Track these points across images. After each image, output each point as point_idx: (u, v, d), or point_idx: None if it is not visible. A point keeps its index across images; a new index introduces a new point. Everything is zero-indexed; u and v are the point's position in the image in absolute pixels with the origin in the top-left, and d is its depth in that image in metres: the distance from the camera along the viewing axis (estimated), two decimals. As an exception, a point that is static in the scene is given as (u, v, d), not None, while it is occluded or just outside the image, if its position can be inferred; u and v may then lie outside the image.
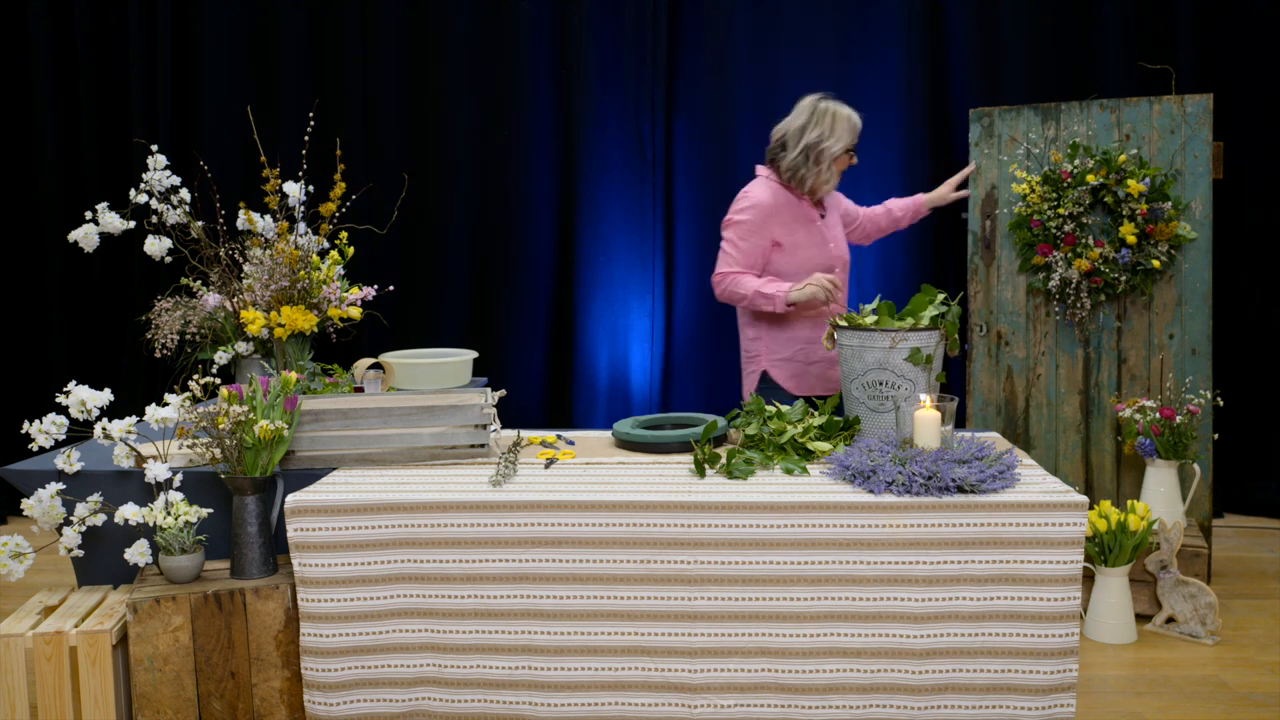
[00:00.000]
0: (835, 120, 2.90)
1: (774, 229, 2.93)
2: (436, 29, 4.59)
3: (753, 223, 2.92)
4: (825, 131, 2.89)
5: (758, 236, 2.93)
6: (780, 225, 2.93)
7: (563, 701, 2.11)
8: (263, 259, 2.84)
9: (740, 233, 2.94)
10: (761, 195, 2.95)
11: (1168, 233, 3.49)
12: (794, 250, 2.95)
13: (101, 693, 2.15)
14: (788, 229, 2.94)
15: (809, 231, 2.97)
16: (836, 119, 2.91)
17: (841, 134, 2.89)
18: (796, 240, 2.95)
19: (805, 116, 2.93)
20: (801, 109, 2.95)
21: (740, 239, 2.94)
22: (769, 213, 2.92)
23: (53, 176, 4.59)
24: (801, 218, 2.96)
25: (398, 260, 4.62)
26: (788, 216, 2.94)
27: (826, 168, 2.91)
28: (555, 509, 2.06)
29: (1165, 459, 3.32)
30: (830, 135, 2.89)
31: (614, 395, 4.65)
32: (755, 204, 2.93)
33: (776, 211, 2.93)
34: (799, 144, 2.90)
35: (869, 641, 2.04)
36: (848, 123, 2.92)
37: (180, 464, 2.35)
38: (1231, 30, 4.29)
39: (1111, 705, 2.60)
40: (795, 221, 2.95)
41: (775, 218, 2.93)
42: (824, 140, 2.88)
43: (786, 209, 2.94)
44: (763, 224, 2.92)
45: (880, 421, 2.39)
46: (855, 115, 2.95)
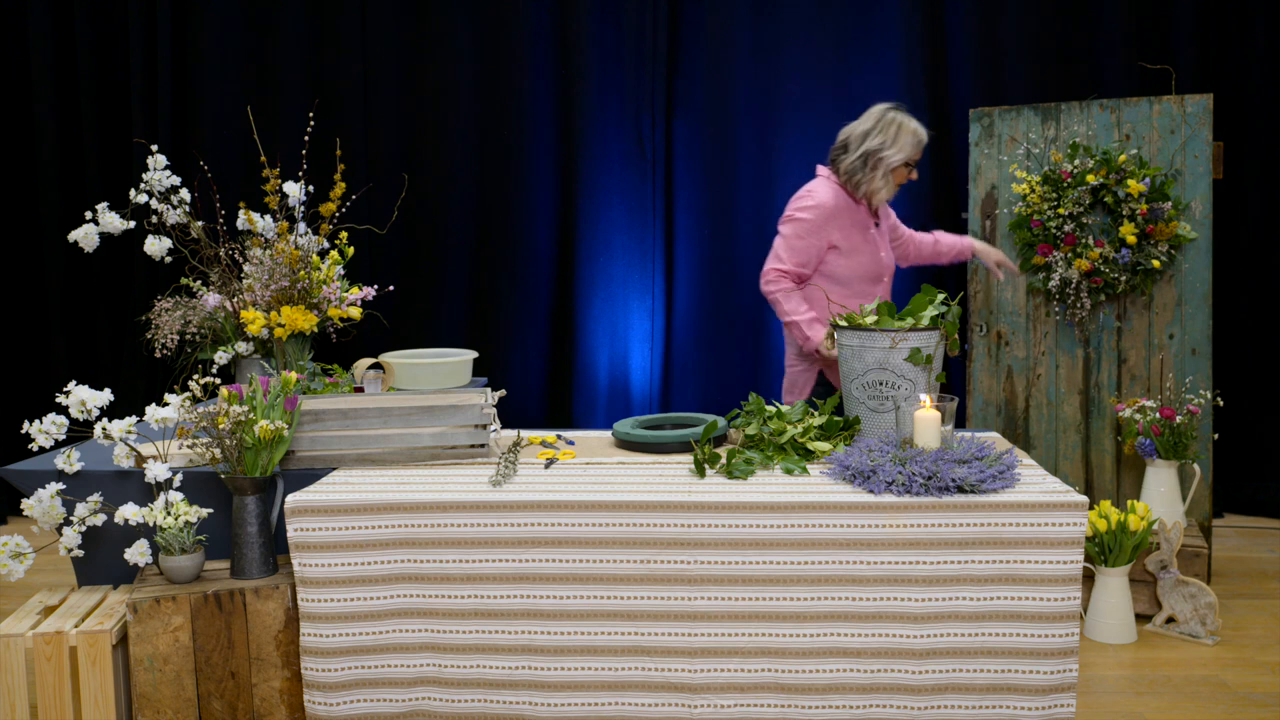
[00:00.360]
0: (900, 131, 2.88)
1: (833, 231, 2.91)
2: (436, 29, 4.59)
3: (813, 222, 2.90)
4: (887, 140, 2.86)
5: (815, 237, 2.91)
6: (839, 228, 2.91)
7: (563, 701, 2.11)
8: (263, 259, 2.84)
9: (799, 230, 2.92)
10: (825, 196, 2.92)
11: (1168, 233, 3.49)
12: (850, 254, 2.93)
13: (101, 693, 2.15)
14: (846, 233, 2.92)
15: (865, 238, 2.95)
16: (901, 130, 2.88)
17: (904, 145, 2.86)
18: (853, 244, 2.93)
19: (871, 123, 2.90)
20: (869, 115, 2.92)
21: (798, 237, 2.92)
22: (830, 214, 2.90)
23: (53, 176, 4.59)
24: (859, 223, 2.95)
25: (398, 260, 4.62)
26: (847, 220, 2.93)
27: (882, 176, 2.88)
28: (555, 509, 2.06)
29: (1165, 459, 3.32)
30: (891, 145, 2.86)
31: (614, 395, 4.65)
32: (818, 205, 2.91)
33: (837, 214, 2.92)
34: (859, 149, 2.87)
35: (869, 641, 2.04)
36: (912, 136, 2.89)
37: (180, 464, 2.35)
38: (1231, 30, 4.29)
39: (1111, 705, 2.60)
40: (853, 226, 2.94)
41: (835, 220, 2.91)
42: (884, 149, 2.86)
43: (846, 212, 2.93)
44: (823, 225, 2.90)
45: (880, 421, 2.39)
46: (921, 130, 2.91)
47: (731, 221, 4.58)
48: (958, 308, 2.43)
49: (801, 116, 4.50)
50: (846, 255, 2.93)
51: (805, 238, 2.91)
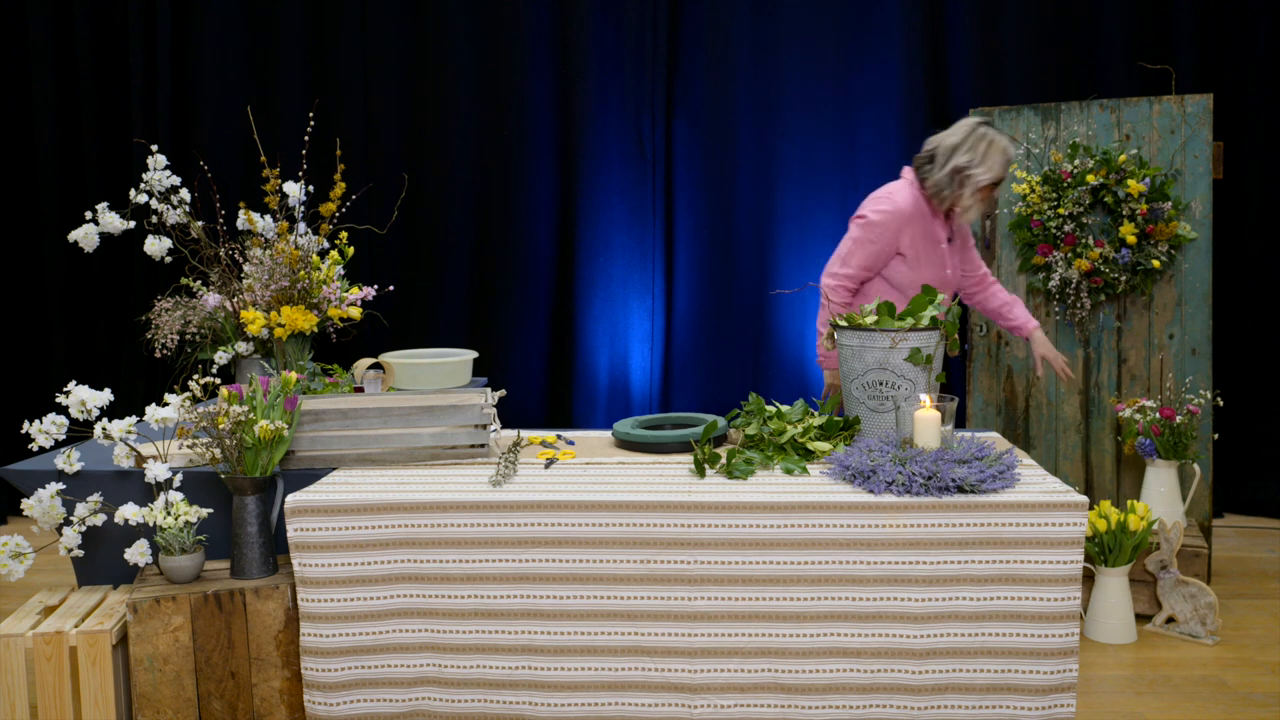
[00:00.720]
0: (990, 150, 2.76)
1: (904, 238, 2.83)
2: (436, 29, 4.59)
3: (886, 226, 2.83)
4: (976, 159, 2.76)
5: (885, 241, 2.83)
6: (910, 236, 2.84)
7: (563, 701, 2.11)
8: (263, 259, 2.84)
9: (871, 233, 2.84)
10: (903, 201, 2.84)
11: (1168, 233, 3.49)
12: (915, 264, 2.86)
13: (101, 693, 2.15)
14: (916, 242, 2.85)
15: (933, 250, 2.89)
16: (991, 148, 2.76)
17: (993, 165, 2.76)
18: (920, 255, 2.86)
19: (960, 136, 2.79)
20: (959, 127, 2.82)
21: (869, 239, 2.84)
22: (905, 221, 2.83)
23: (53, 177, 4.59)
24: (931, 235, 2.87)
25: (398, 260, 4.62)
26: (920, 229, 2.85)
27: (970, 195, 2.79)
28: (555, 509, 2.06)
29: (1165, 459, 3.32)
30: (980, 164, 2.75)
31: (614, 395, 4.65)
32: (895, 209, 2.82)
33: (911, 221, 2.84)
34: (947, 164, 2.77)
35: (869, 641, 2.04)
36: (1002, 155, 2.78)
37: (180, 464, 2.35)
38: (1231, 30, 4.29)
39: (1111, 705, 2.60)
40: (925, 237, 2.86)
41: (909, 227, 2.83)
42: (973, 167, 2.75)
43: (920, 222, 2.85)
44: (896, 230, 2.83)
45: (880, 421, 2.39)
46: (1011, 148, 2.81)
47: (731, 221, 4.58)
48: (957, 308, 2.43)
49: (801, 116, 4.50)
50: (911, 265, 2.86)
51: (877, 240, 2.84)
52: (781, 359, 4.58)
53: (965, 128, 2.81)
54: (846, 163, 4.50)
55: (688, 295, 4.63)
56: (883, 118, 4.45)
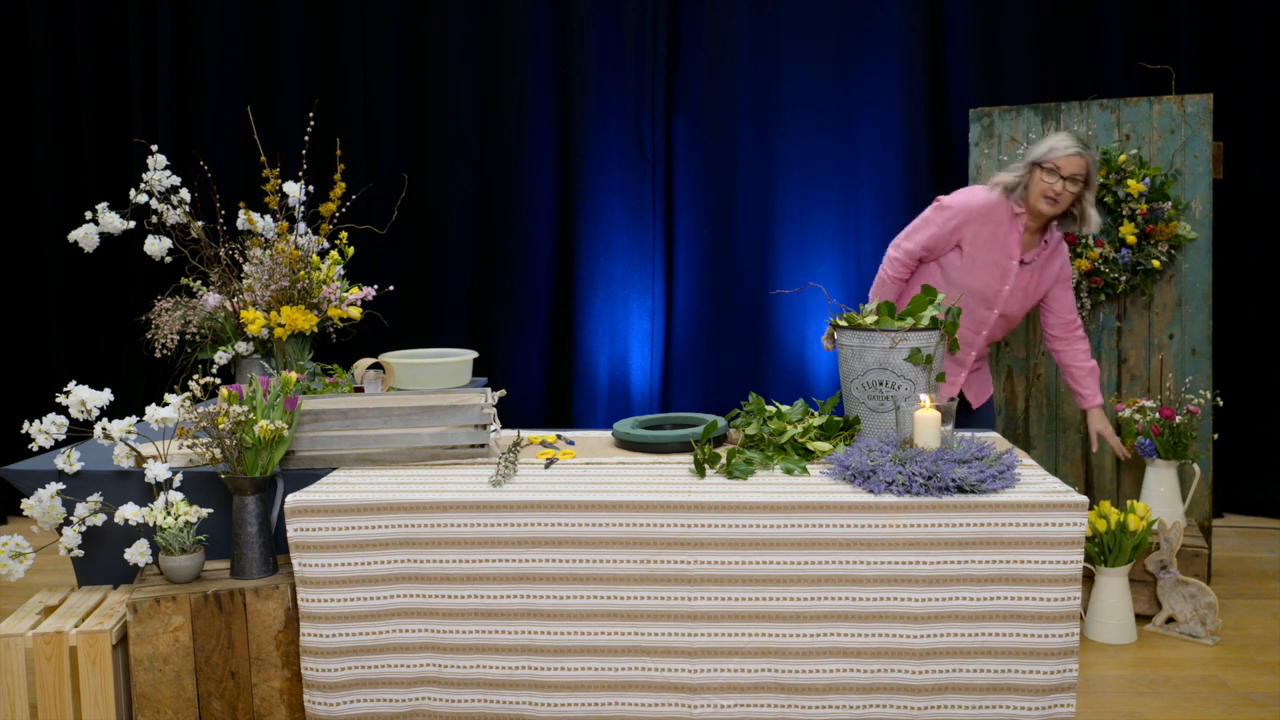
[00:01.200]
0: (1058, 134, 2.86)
1: (966, 232, 2.87)
2: (437, 29, 4.59)
3: (953, 214, 2.87)
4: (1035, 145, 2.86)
5: (948, 229, 2.88)
6: (973, 234, 2.86)
7: (563, 701, 2.11)
8: (263, 259, 2.84)
9: (938, 215, 2.90)
10: (980, 198, 2.88)
11: (1168, 233, 3.49)
12: (971, 265, 2.88)
13: (101, 693, 2.15)
14: (977, 243, 2.87)
15: (995, 260, 2.88)
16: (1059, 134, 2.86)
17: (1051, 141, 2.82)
18: (978, 258, 2.88)
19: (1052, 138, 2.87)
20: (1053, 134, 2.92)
21: (934, 220, 2.90)
22: (972, 216, 2.86)
23: (53, 176, 4.59)
24: (999, 246, 2.87)
25: (398, 260, 4.62)
26: (987, 234, 2.86)
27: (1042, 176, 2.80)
28: (555, 509, 2.06)
29: (1165, 459, 3.32)
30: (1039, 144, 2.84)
31: (614, 395, 4.65)
32: (967, 202, 2.87)
33: (979, 220, 2.86)
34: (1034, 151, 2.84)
35: (869, 641, 2.04)
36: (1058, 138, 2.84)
37: (180, 464, 2.35)
38: (1231, 30, 4.29)
39: (1111, 705, 2.60)
40: (991, 244, 2.87)
41: (975, 224, 2.86)
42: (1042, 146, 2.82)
43: (990, 227, 2.86)
44: (961, 222, 2.86)
45: (880, 421, 2.39)
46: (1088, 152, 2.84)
47: (731, 221, 4.57)
48: (958, 308, 2.43)
49: (801, 116, 4.50)
50: (966, 262, 2.89)
51: (940, 225, 2.89)
52: (781, 359, 4.57)
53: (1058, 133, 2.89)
54: (846, 163, 4.50)
55: (688, 295, 4.63)
56: (883, 118, 4.45)
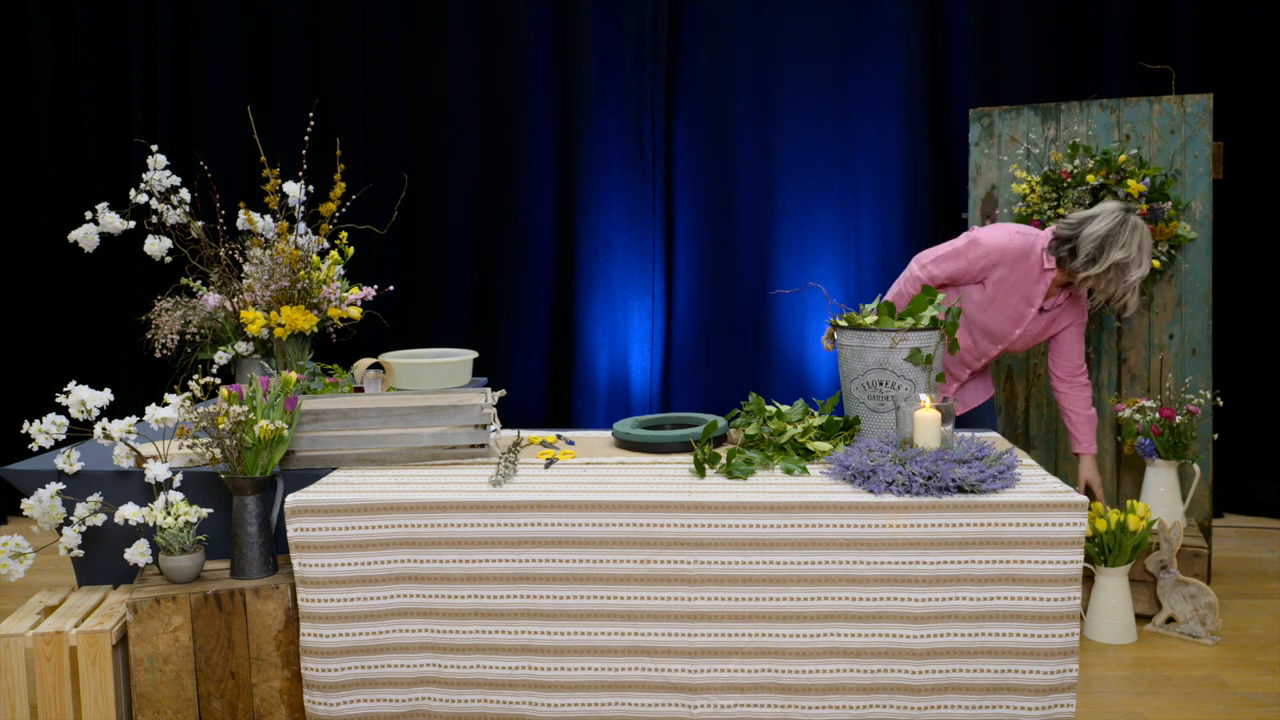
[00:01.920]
0: (1142, 247, 2.68)
1: (993, 274, 2.82)
2: (436, 29, 4.59)
3: (985, 254, 2.81)
4: (1132, 257, 2.67)
5: (976, 267, 2.83)
6: (999, 277, 2.83)
7: (563, 701, 2.11)
8: (263, 259, 2.84)
9: (970, 251, 2.83)
10: (1015, 245, 2.81)
11: (1168, 233, 3.49)
12: (988, 303, 2.86)
13: (101, 693, 2.15)
14: (1001, 286, 2.83)
15: (1013, 305, 2.85)
16: (1143, 246, 2.67)
17: (1145, 265, 2.69)
18: (997, 299, 2.85)
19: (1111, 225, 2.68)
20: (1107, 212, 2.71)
21: (964, 254, 2.84)
22: (1002, 260, 2.80)
23: (53, 176, 4.59)
24: (1022, 293, 2.83)
25: (398, 260, 4.62)
26: (1013, 279, 2.82)
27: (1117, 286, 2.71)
28: (555, 509, 2.07)
29: (1165, 459, 3.32)
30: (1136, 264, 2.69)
31: (614, 395, 4.65)
32: (1001, 246, 2.80)
33: (1008, 265, 2.81)
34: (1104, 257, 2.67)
35: (869, 641, 2.04)
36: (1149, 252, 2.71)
37: (180, 464, 2.35)
38: (1231, 30, 4.29)
39: (1111, 705, 2.60)
40: (1014, 290, 2.83)
41: (1003, 268, 2.81)
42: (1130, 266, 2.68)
43: (1017, 274, 2.82)
44: (991, 264, 2.80)
45: (880, 421, 2.39)
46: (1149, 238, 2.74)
47: (731, 221, 4.57)
48: (957, 308, 2.43)
49: (801, 116, 4.50)
50: (985, 299, 2.86)
51: (969, 260, 2.83)
52: (781, 359, 4.57)
53: (1114, 216, 2.70)
54: (846, 163, 4.50)
55: (688, 295, 4.63)
56: (883, 118, 4.45)
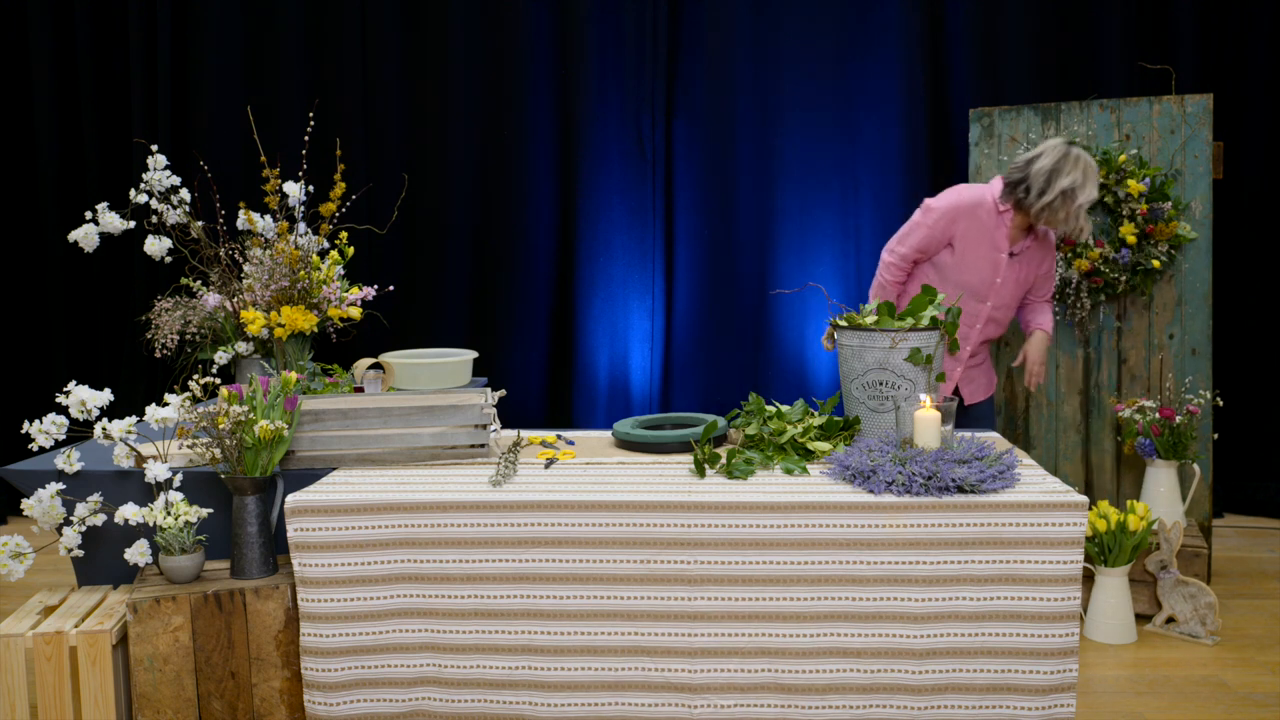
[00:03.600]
0: (1086, 173, 2.85)
1: (955, 230, 2.95)
2: (436, 29, 4.59)
3: (941, 214, 2.96)
4: (1078, 181, 2.84)
5: (938, 230, 2.97)
6: (963, 231, 2.95)
7: (563, 701, 2.11)
8: (263, 259, 2.84)
9: (927, 218, 2.98)
10: (967, 197, 2.96)
11: (1168, 233, 3.49)
12: (959, 262, 2.97)
13: (101, 693, 2.15)
14: (968, 240, 2.96)
15: (984, 255, 2.97)
16: (1088, 171, 2.85)
17: (1091, 188, 2.85)
18: (967, 253, 2.96)
19: (1054, 159, 2.86)
20: (1051, 151, 2.88)
21: (924, 224, 2.98)
22: (960, 215, 2.95)
23: (53, 176, 4.59)
24: (988, 240, 2.96)
25: (398, 260, 4.62)
26: (976, 230, 2.95)
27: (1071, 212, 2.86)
28: (555, 509, 2.06)
29: (1165, 459, 3.32)
30: (1083, 187, 2.84)
31: (614, 395, 4.65)
32: (954, 202, 2.95)
33: (967, 218, 2.94)
34: (1055, 187, 2.83)
35: (869, 641, 2.04)
36: (1095, 176, 2.87)
37: (180, 464, 2.35)
38: (1231, 30, 4.29)
39: (1111, 705, 2.60)
40: (979, 238, 2.96)
41: (963, 222, 2.95)
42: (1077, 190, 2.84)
43: (977, 224, 2.95)
44: (950, 221, 2.95)
45: (880, 421, 2.39)
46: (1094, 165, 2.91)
47: (731, 221, 4.58)
48: (957, 308, 2.43)
49: (801, 116, 4.50)
50: (957, 258, 2.98)
51: (930, 227, 2.97)
52: (781, 359, 4.57)
53: (1058, 150, 2.86)
54: (846, 163, 4.50)
55: (688, 295, 4.63)
56: (883, 117, 4.45)
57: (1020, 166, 2.90)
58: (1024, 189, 2.87)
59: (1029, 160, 2.89)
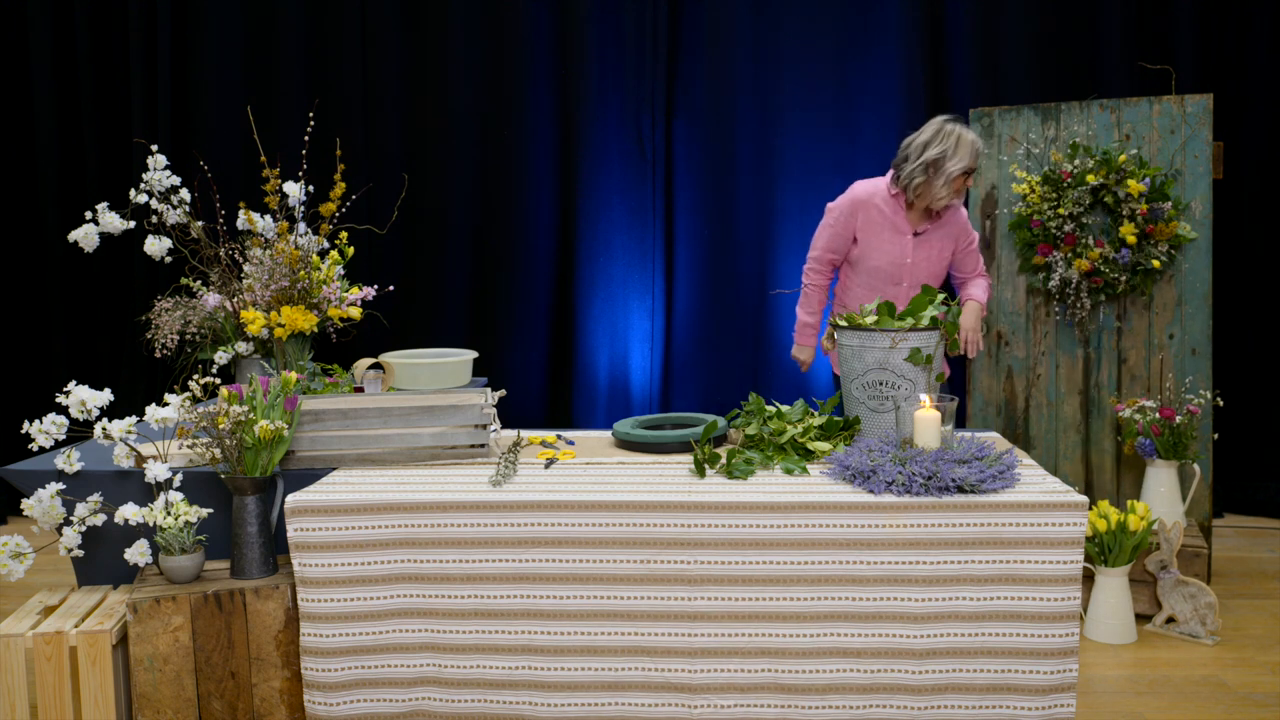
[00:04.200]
0: (959, 142, 2.92)
1: (856, 222, 3.07)
2: (436, 29, 4.59)
3: (840, 210, 3.10)
4: (948, 150, 2.91)
5: (840, 225, 3.11)
6: (863, 222, 3.06)
7: (563, 701, 2.11)
8: (263, 259, 2.84)
9: (828, 218, 3.14)
10: (861, 190, 3.08)
11: (1168, 233, 3.49)
12: (867, 251, 3.09)
13: (101, 693, 2.15)
14: (870, 229, 3.07)
15: (890, 239, 3.06)
16: (960, 140, 2.93)
17: (963, 155, 2.92)
18: (873, 242, 3.07)
19: (930, 134, 2.96)
20: (928, 126, 2.98)
21: (827, 224, 3.14)
22: (857, 206, 3.07)
23: (53, 177, 4.59)
24: (889, 225, 3.06)
25: (398, 260, 4.62)
26: (876, 218, 3.05)
27: (944, 184, 2.94)
28: (555, 509, 2.06)
29: (1165, 459, 3.32)
30: (953, 155, 2.91)
31: (614, 395, 4.65)
32: (849, 197, 3.09)
33: (864, 208, 3.06)
34: (919, 159, 2.94)
35: (869, 641, 2.04)
36: (970, 146, 2.94)
37: (180, 464, 2.35)
38: (1231, 30, 4.29)
39: (1111, 705, 2.60)
40: (881, 225, 3.06)
41: (861, 213, 3.06)
42: (946, 160, 2.92)
43: (876, 211, 3.05)
44: (849, 214, 3.08)
45: (880, 421, 2.39)
46: (978, 141, 2.99)
47: (731, 221, 4.58)
48: (957, 308, 2.43)
49: (801, 116, 4.50)
50: (864, 251, 3.09)
51: (832, 225, 3.12)
52: (781, 359, 4.57)
53: (934, 126, 2.97)
54: (847, 162, 4.50)
55: (688, 295, 4.63)
56: (883, 118, 4.45)
57: (903, 147, 3.00)
58: (903, 162, 2.98)
59: (911, 139, 2.98)
